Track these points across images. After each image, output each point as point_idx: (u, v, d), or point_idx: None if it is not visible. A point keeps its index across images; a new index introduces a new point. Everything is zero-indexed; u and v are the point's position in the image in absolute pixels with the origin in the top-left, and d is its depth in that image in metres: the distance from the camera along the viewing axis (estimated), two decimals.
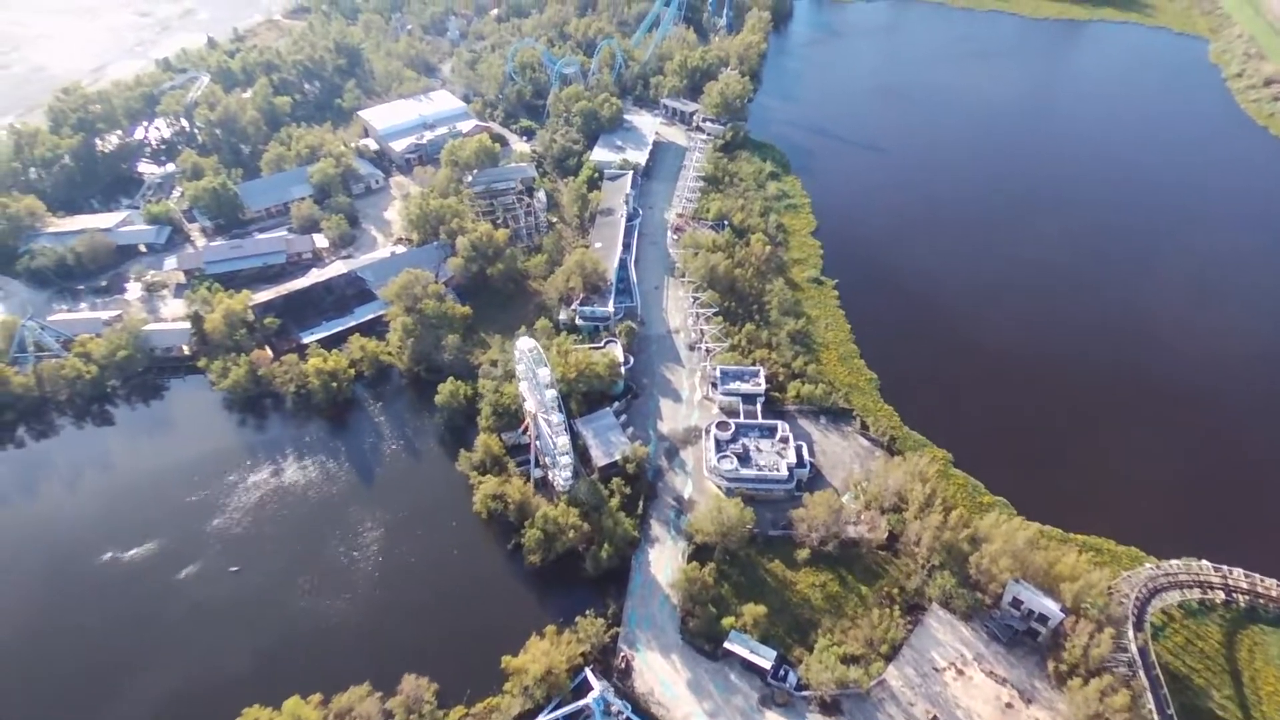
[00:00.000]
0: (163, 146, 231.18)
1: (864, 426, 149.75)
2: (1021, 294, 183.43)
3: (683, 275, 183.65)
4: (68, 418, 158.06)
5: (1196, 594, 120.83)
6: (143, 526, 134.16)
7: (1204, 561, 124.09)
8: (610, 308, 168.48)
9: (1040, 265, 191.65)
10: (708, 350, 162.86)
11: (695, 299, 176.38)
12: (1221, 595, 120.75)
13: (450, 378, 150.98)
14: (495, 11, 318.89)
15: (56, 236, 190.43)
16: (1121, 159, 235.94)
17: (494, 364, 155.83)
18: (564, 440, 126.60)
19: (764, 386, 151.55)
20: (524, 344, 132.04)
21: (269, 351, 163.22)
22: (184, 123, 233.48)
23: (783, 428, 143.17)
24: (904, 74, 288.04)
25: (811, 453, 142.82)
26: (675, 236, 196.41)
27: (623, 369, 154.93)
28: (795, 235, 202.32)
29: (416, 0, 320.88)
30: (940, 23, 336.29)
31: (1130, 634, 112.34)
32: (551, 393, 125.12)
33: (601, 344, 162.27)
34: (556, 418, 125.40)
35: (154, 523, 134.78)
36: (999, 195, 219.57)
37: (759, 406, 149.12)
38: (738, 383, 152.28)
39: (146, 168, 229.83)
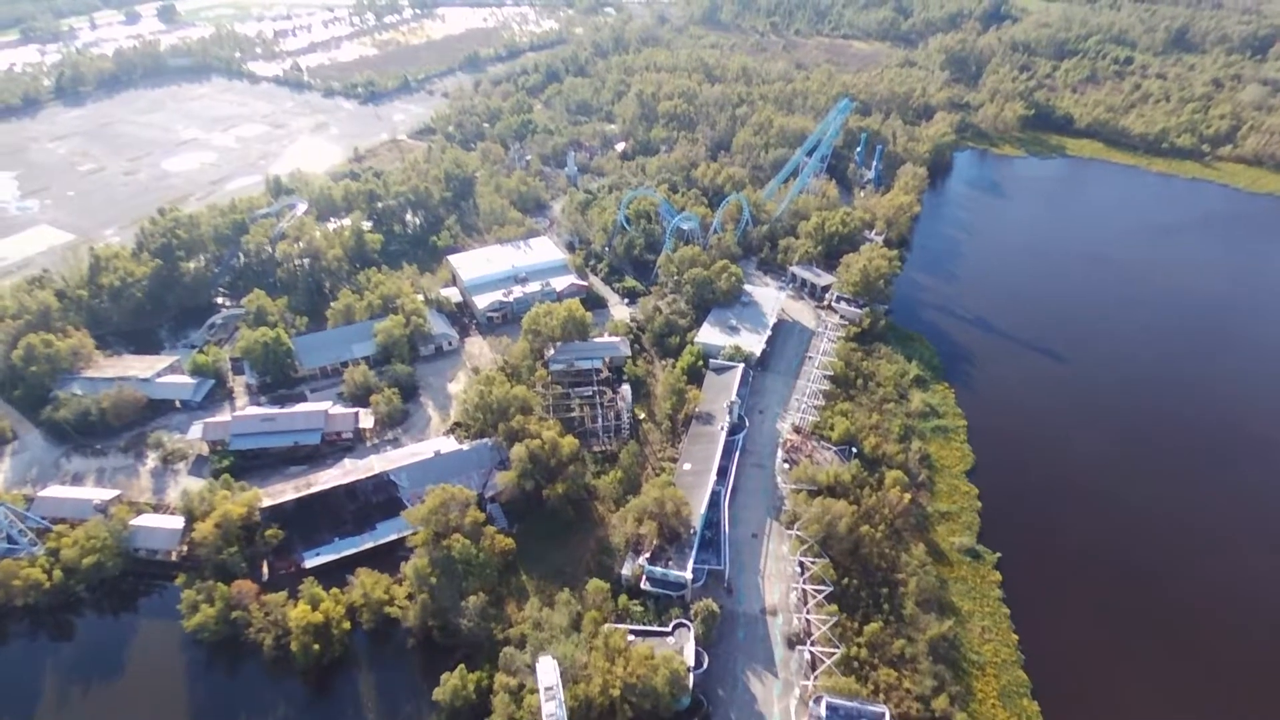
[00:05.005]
0: (240, 281, 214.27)
1: None
2: None
3: (791, 524, 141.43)
4: (24, 625, 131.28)
5: None
6: None
7: None
8: (688, 572, 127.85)
9: None
10: (813, 658, 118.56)
11: (803, 566, 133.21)
12: None
13: (461, 665, 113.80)
14: (621, 146, 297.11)
15: (90, 383, 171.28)
16: None
17: (521, 643, 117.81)
18: None
19: None
20: (545, 673, 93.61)
21: (265, 573, 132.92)
22: (267, 252, 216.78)
23: None
24: (1088, 250, 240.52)
25: None
26: (787, 463, 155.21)
27: (691, 676, 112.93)
28: (944, 474, 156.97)
29: (542, 130, 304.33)
30: (1129, 188, 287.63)
31: None
32: None
33: (669, 627, 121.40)
34: None
35: None
36: (1235, 433, 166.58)
37: None
38: None
39: (225, 299, 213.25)
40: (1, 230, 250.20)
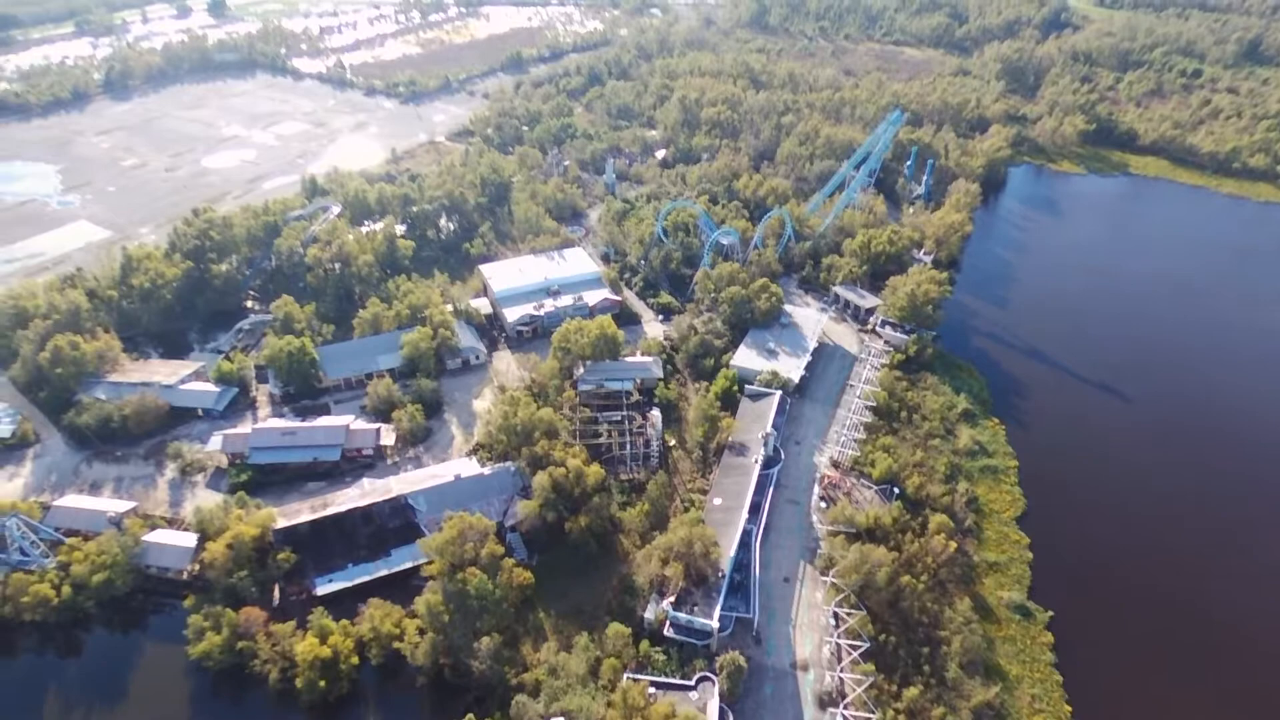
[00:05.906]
0: (271, 284, 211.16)
1: None
2: None
3: (826, 569, 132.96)
4: (32, 640, 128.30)
5: None
6: None
7: None
8: (715, 620, 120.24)
9: None
10: None
11: (838, 618, 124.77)
12: None
13: (471, 714, 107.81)
14: (661, 154, 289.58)
15: (114, 387, 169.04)
16: None
17: (535, 690, 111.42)
18: None
19: None
20: None
21: (275, 598, 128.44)
22: (299, 256, 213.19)
23: None
24: (1153, 275, 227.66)
25: None
26: (824, 502, 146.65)
27: None
28: (992, 520, 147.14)
29: (581, 135, 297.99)
30: (1197, 209, 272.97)
31: None
32: None
33: (693, 681, 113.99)
34: None
35: None
36: None
37: None
38: None
39: (255, 304, 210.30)
40: (42, 225, 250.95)
